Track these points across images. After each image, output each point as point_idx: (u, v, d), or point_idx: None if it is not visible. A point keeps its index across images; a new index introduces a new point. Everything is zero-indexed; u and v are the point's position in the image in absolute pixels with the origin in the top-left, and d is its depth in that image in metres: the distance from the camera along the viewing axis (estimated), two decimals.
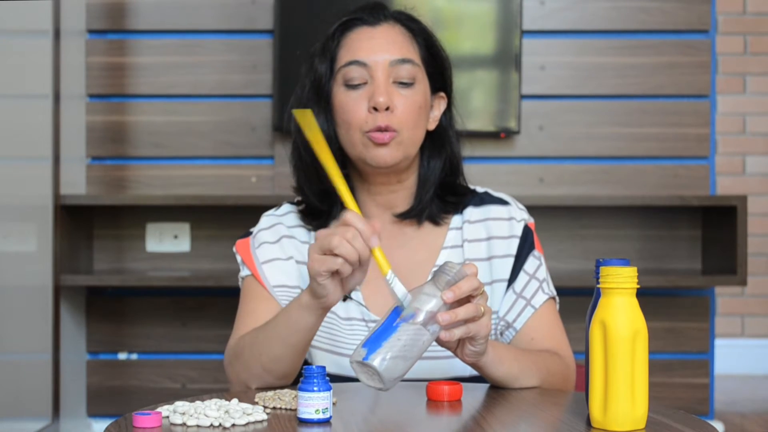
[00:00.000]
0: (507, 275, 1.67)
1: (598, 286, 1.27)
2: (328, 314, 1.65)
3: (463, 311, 1.36)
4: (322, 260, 1.39)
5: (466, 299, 1.38)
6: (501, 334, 1.68)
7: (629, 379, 1.23)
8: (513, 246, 1.68)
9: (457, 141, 1.72)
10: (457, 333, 1.36)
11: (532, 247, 1.69)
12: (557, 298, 1.71)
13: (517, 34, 3.05)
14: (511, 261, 1.67)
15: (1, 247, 2.69)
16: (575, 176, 3.14)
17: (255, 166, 3.13)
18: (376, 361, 1.30)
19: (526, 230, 1.70)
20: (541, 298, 1.67)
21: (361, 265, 1.40)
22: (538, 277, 1.68)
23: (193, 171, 3.14)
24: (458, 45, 3.07)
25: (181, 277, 2.93)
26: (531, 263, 1.68)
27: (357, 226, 1.38)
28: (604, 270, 1.24)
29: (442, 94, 1.71)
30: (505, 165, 3.14)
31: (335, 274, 1.40)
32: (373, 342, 1.31)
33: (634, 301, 1.24)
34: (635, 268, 1.24)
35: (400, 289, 1.36)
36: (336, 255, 1.38)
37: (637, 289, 1.24)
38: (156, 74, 3.13)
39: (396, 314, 1.34)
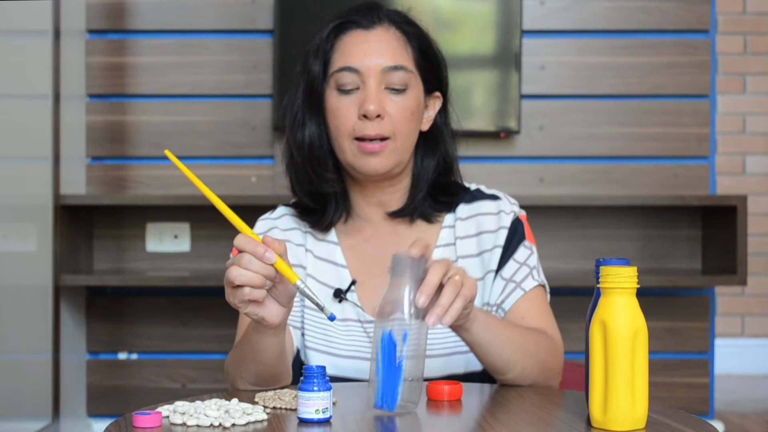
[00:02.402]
0: (496, 266, 1.66)
1: (598, 286, 1.27)
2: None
3: (446, 297, 1.34)
4: (231, 293, 1.36)
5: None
6: None
7: (629, 379, 1.23)
8: (501, 237, 1.66)
9: (451, 140, 1.71)
10: (453, 312, 1.34)
11: (522, 238, 1.67)
12: (547, 288, 1.69)
13: (517, 34, 3.05)
14: (499, 251, 1.66)
15: (1, 247, 2.69)
16: (575, 176, 3.14)
17: (255, 166, 3.13)
18: (401, 407, 1.31)
19: (516, 222, 1.68)
20: (530, 283, 1.65)
21: (273, 281, 1.36)
22: (528, 264, 1.66)
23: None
24: (458, 45, 3.07)
25: (181, 277, 2.93)
26: (521, 252, 1.66)
27: (247, 249, 1.34)
28: (604, 270, 1.24)
29: (438, 93, 1.70)
30: (505, 165, 3.14)
31: (252, 300, 1.36)
32: (387, 392, 1.30)
33: (634, 301, 1.24)
34: (635, 268, 1.24)
35: (315, 295, 1.33)
36: (239, 286, 1.34)
37: (637, 288, 1.24)
38: (156, 74, 3.12)
39: (391, 349, 1.31)
